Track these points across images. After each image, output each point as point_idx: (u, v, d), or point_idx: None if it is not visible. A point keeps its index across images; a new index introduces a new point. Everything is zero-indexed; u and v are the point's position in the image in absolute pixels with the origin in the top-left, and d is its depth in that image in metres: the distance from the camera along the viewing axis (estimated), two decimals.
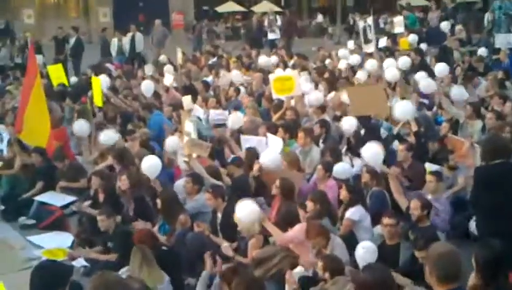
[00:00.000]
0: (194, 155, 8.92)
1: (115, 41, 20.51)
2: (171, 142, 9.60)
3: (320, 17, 29.45)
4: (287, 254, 6.73)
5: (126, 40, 20.34)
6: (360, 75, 13.46)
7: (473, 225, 7.37)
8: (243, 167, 8.83)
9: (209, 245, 7.24)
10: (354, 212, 7.27)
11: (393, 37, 19.66)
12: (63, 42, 20.23)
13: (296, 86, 11.47)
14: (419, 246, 5.91)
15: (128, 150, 9.89)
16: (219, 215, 7.65)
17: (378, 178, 7.91)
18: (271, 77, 12.15)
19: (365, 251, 6.20)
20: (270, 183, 8.10)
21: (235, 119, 10.36)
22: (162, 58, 18.87)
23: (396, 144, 9.34)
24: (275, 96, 11.76)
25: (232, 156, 9.52)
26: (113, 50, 20.45)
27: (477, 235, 6.43)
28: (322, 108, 11.18)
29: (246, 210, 6.61)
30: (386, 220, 6.63)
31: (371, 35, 15.12)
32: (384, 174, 7.93)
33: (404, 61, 13.82)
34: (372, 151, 7.70)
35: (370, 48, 15.23)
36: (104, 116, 12.51)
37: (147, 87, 13.37)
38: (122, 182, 8.40)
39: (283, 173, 8.31)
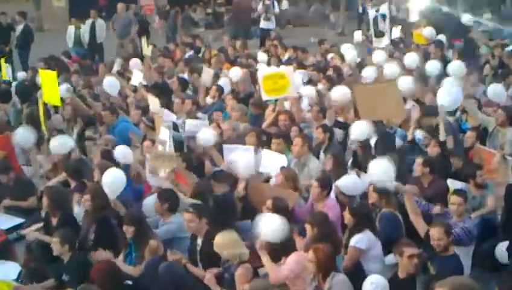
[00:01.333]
0: (162, 173, 8.93)
1: (71, 30, 20.48)
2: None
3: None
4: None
5: (85, 29, 20.33)
6: (368, 73, 13.53)
7: (501, 251, 7.42)
8: (227, 183, 8.86)
9: (187, 277, 7.25)
10: (361, 240, 7.29)
11: (407, 27, 19.83)
12: (7, 30, 20.07)
13: (291, 86, 11.48)
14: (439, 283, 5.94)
15: (85, 162, 9.85)
16: (199, 241, 7.66)
17: (388, 197, 7.96)
18: (260, 73, 12.17)
19: (374, 287, 6.24)
20: (259, 203, 8.15)
21: (206, 137, 9.89)
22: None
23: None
24: (265, 97, 11.81)
25: (215, 168, 9.51)
26: (69, 40, 20.42)
27: (506, 263, 6.48)
28: (324, 112, 11.25)
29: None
30: (406, 249, 6.63)
31: (385, 26, 15.20)
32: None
33: (412, 59, 13.72)
34: (381, 168, 7.55)
35: (382, 42, 15.32)
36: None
37: (111, 85, 13.26)
38: (85, 203, 8.40)
39: (274, 191, 8.34)
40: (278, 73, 11.73)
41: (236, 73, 13.96)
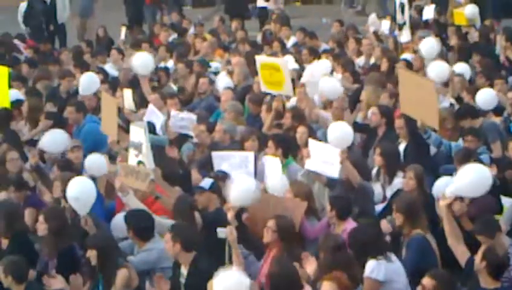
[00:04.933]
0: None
1: (22, 7, 20.42)
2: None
3: None
4: None
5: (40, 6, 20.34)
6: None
7: None
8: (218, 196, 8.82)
9: None
10: (376, 269, 7.28)
11: (444, 5, 19.81)
12: None
13: (286, 82, 11.40)
14: None
15: (44, 174, 9.89)
16: (183, 271, 7.65)
17: (416, 218, 7.91)
18: (258, 60, 12.17)
19: None
20: (257, 224, 8.19)
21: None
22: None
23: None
24: (263, 88, 11.84)
25: (206, 180, 9.40)
26: (21, 20, 20.41)
27: None
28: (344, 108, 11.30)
29: (229, 282, 6.61)
30: (425, 280, 6.65)
31: (404, 17, 15.18)
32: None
33: (430, 45, 13.37)
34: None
35: (404, 37, 15.30)
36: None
37: (88, 84, 12.90)
38: (40, 226, 8.33)
39: (278, 203, 8.37)
40: (274, 64, 11.71)
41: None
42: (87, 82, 12.79)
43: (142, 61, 12.30)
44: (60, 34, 20.46)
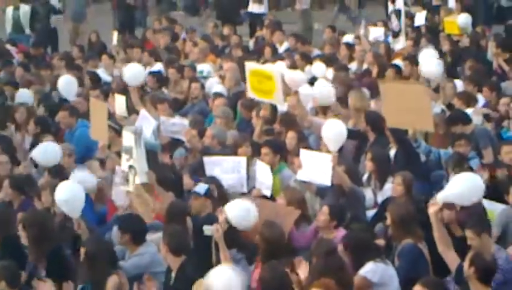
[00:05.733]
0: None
1: (8, 12, 20.38)
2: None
3: None
4: None
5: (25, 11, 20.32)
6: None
7: None
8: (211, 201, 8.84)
9: None
10: (372, 271, 7.35)
11: (435, 12, 19.89)
12: None
13: (277, 92, 11.33)
14: None
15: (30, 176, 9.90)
16: (173, 275, 7.66)
17: (408, 228, 7.94)
18: (247, 66, 12.17)
19: None
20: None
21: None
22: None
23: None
24: (250, 94, 11.86)
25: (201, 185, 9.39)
26: (8, 25, 20.38)
27: None
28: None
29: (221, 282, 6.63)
30: (417, 288, 6.66)
31: (399, 25, 15.24)
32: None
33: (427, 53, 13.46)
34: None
35: (398, 44, 15.36)
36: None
37: (68, 82, 13.24)
38: (21, 234, 8.29)
39: (269, 210, 8.38)
40: (265, 72, 11.66)
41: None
42: (66, 85, 12.92)
43: (132, 72, 12.18)
44: (52, 38, 20.41)
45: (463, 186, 7.43)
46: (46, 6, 20.40)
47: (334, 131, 8.95)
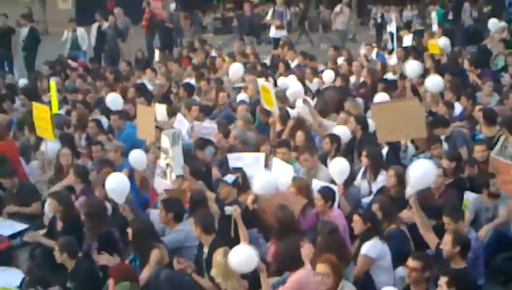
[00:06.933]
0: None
1: (67, 35, 20.31)
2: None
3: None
4: None
5: (92, 32, 20.46)
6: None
7: None
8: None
9: (188, 287, 7.32)
10: (372, 248, 7.35)
11: (420, 34, 19.85)
12: (7, 33, 19.69)
13: (274, 104, 11.32)
14: None
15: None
16: (205, 250, 7.69)
17: (390, 215, 7.97)
18: (259, 82, 12.22)
19: None
20: (268, 210, 8.20)
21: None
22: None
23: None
24: (264, 105, 11.84)
25: (229, 176, 9.42)
26: (67, 44, 20.32)
27: None
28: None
29: (240, 257, 6.69)
30: (410, 262, 6.65)
31: (391, 45, 15.29)
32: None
33: (413, 67, 12.93)
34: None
35: (391, 60, 15.38)
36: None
37: (114, 98, 13.09)
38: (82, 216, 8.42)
39: (282, 198, 8.38)
40: (263, 85, 11.68)
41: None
42: (112, 101, 12.88)
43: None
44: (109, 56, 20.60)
45: (418, 173, 7.50)
46: (116, 31, 20.46)
47: (338, 167, 8.91)
